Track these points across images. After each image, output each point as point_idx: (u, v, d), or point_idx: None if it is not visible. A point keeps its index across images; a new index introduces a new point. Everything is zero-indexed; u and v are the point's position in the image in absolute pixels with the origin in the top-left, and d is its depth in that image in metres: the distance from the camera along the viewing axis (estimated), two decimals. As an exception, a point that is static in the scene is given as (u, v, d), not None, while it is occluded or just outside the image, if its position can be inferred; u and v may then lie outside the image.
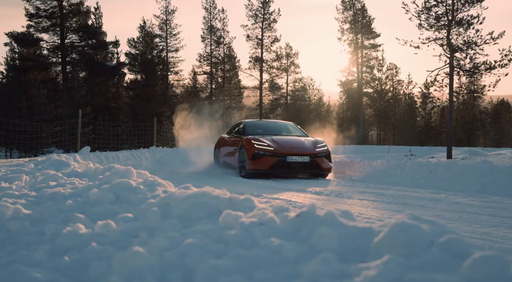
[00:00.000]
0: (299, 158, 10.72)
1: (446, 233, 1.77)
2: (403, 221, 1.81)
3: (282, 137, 11.69)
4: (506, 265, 1.46)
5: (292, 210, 2.31)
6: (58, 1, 38.21)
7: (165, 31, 45.52)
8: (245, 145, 11.09)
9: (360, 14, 48.95)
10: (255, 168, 10.64)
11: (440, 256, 1.62)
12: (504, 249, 3.82)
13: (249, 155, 10.76)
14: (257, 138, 11.20)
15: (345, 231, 1.99)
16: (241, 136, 11.93)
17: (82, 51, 40.36)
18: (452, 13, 21.02)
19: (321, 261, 1.71)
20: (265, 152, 10.68)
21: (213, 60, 48.09)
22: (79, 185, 3.83)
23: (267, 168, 10.57)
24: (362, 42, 49.09)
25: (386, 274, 1.50)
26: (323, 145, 11.39)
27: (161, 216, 2.48)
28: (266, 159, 10.61)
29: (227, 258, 1.81)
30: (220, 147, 13.79)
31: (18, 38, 38.16)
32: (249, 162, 10.71)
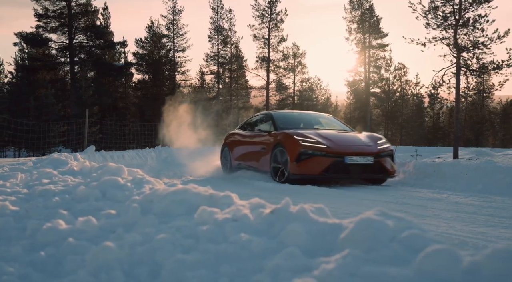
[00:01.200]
0: (361, 158, 8.53)
1: (410, 229, 1.80)
2: (368, 217, 1.85)
3: (331, 132, 9.43)
4: (456, 258, 1.49)
5: (268, 206, 2.35)
6: (66, 2, 38.47)
7: (172, 31, 45.66)
8: (284, 142, 8.77)
9: (368, 14, 48.80)
10: (302, 172, 8.41)
11: (399, 250, 1.65)
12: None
13: (292, 155, 8.42)
14: (301, 133, 8.85)
15: (315, 227, 2.02)
16: (271, 131, 9.55)
17: (90, 51, 40.59)
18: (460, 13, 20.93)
19: (285, 256, 1.75)
20: (314, 151, 8.44)
21: (220, 60, 48.17)
22: (71, 182, 3.89)
23: (319, 172, 8.31)
24: (370, 42, 48.94)
25: (343, 267, 1.54)
26: (384, 142, 9.28)
27: (141, 212, 2.53)
28: (317, 160, 8.37)
29: (196, 252, 1.85)
30: (233, 146, 11.11)
31: (27, 38, 38.46)
32: (292, 164, 8.39)
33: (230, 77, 48.34)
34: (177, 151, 16.86)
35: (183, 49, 45.96)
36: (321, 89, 55.00)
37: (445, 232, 4.11)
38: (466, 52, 21.34)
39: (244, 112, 48.42)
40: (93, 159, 12.77)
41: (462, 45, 21.06)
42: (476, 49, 21.07)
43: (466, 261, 1.50)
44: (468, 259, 1.50)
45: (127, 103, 44.58)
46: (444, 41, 21.65)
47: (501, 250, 1.46)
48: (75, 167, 5.26)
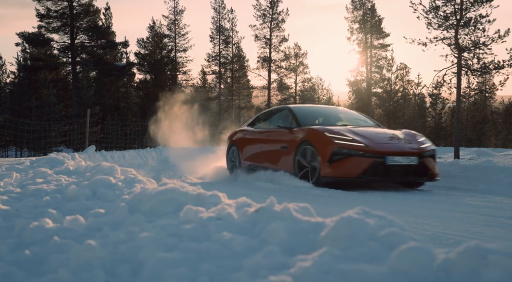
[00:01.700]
0: (404, 159, 7.43)
1: (390, 227, 1.82)
2: (349, 216, 1.86)
3: (364, 129, 8.32)
4: (430, 255, 1.51)
5: (254, 205, 2.36)
6: (68, 2, 38.57)
7: (174, 31, 45.74)
8: (313, 139, 7.68)
9: (369, 14, 48.77)
10: (336, 175, 7.32)
11: (377, 248, 1.67)
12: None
13: (324, 154, 7.34)
14: (333, 129, 7.80)
15: (298, 226, 2.04)
16: (292, 128, 8.49)
17: (91, 51, 40.68)
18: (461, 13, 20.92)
19: (265, 254, 1.77)
20: (350, 150, 7.32)
21: (221, 60, 48.22)
22: (64, 182, 3.92)
23: (356, 174, 7.25)
24: (372, 42, 48.90)
25: (319, 265, 1.56)
26: (425, 139, 8.21)
27: (129, 211, 2.55)
28: (354, 161, 7.29)
29: (178, 251, 1.87)
30: (243, 145, 10.08)
31: (29, 38, 38.59)
32: (323, 166, 7.32)
33: (231, 77, 48.37)
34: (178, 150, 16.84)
35: (185, 49, 46.06)
36: (323, 89, 55.09)
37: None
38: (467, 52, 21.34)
39: (246, 112, 48.45)
40: (93, 159, 12.82)
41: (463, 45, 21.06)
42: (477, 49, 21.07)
43: (440, 258, 1.52)
44: (442, 257, 1.52)
45: (128, 103, 44.65)
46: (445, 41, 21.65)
47: (473, 247, 1.47)
48: (70, 166, 5.29)
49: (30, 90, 35.77)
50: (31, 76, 39.01)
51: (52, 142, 27.12)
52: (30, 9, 79.77)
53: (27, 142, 23.99)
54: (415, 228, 3.99)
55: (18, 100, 35.03)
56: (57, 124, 28.44)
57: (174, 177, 10.93)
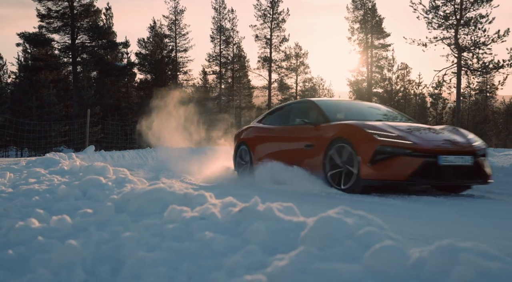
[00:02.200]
0: (458, 159, 6.40)
1: (368, 226, 1.83)
2: (328, 215, 1.88)
3: (407, 125, 7.23)
4: (404, 254, 1.53)
5: (239, 205, 2.38)
6: (69, 2, 38.65)
7: (174, 31, 45.82)
8: (350, 136, 6.63)
9: (370, 14, 48.81)
10: (380, 177, 6.30)
11: (353, 247, 1.69)
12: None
13: (365, 153, 6.32)
14: (374, 125, 6.75)
15: (279, 225, 2.05)
16: (319, 124, 7.45)
17: (92, 51, 40.75)
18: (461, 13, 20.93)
19: (245, 254, 1.78)
20: (397, 148, 6.25)
21: (222, 60, 48.26)
22: (57, 182, 3.94)
23: (405, 176, 6.21)
24: (372, 42, 48.95)
25: (294, 264, 1.57)
26: (475, 137, 7.11)
27: (116, 211, 2.56)
28: (401, 161, 6.25)
29: (159, 250, 1.89)
30: (256, 143, 9.17)
31: (29, 38, 38.68)
32: (364, 167, 6.30)
33: (232, 77, 48.41)
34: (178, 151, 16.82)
35: (185, 49, 46.16)
36: (323, 89, 55.09)
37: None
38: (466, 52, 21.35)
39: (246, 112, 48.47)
40: (92, 159, 12.83)
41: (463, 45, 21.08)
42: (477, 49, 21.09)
43: (414, 257, 1.53)
44: (416, 255, 1.53)
45: (129, 103, 44.71)
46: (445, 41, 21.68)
47: (445, 246, 1.49)
48: (65, 166, 5.31)
49: (31, 91, 35.85)
50: (31, 76, 39.09)
51: (52, 142, 27.16)
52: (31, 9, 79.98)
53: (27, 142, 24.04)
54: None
55: (18, 100, 35.12)
56: (57, 124, 28.49)
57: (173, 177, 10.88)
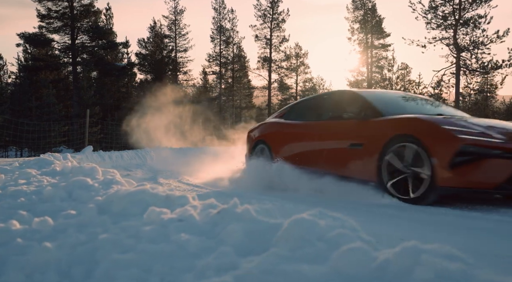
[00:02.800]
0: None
1: (341, 228, 1.85)
2: (301, 217, 1.89)
3: (482, 120, 5.96)
4: (369, 256, 1.55)
5: (219, 207, 2.40)
6: (69, 2, 38.69)
7: (174, 32, 45.85)
8: (420, 133, 5.34)
9: (370, 14, 48.79)
10: (464, 184, 5.05)
11: (323, 249, 1.70)
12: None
13: (443, 154, 5.12)
14: (449, 120, 5.53)
15: (256, 226, 2.07)
16: (367, 118, 6.19)
17: (92, 52, 40.78)
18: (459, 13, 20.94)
19: (218, 255, 1.80)
20: (482, 148, 5.06)
21: (222, 60, 48.29)
22: (46, 183, 3.95)
23: (495, 183, 4.98)
24: (372, 42, 48.93)
25: (262, 266, 1.59)
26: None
27: (98, 212, 2.58)
28: (491, 164, 5.04)
29: (133, 252, 1.91)
30: (278, 142, 7.92)
31: (29, 38, 38.71)
32: (441, 171, 5.08)
33: (232, 77, 48.44)
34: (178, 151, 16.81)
35: (185, 49, 46.18)
36: (324, 89, 55.06)
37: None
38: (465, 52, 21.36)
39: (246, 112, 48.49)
40: (90, 159, 12.83)
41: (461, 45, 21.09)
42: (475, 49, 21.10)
43: (380, 258, 1.55)
44: (382, 257, 1.55)
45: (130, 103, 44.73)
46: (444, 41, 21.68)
47: (408, 247, 1.51)
48: (57, 167, 5.32)
49: (31, 91, 35.90)
50: (31, 77, 39.13)
51: (52, 142, 27.18)
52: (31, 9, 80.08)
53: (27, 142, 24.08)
54: None
55: (18, 101, 35.16)
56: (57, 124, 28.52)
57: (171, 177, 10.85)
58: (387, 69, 50.59)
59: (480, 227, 3.91)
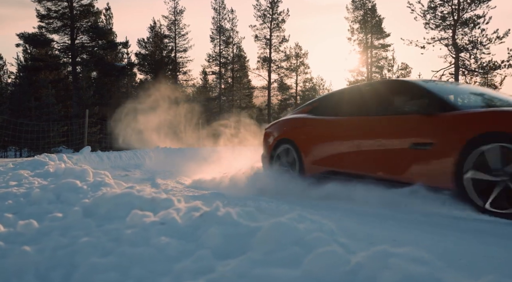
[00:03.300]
0: None
1: (319, 232, 1.86)
2: (278, 220, 1.91)
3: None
4: (342, 259, 1.56)
5: (202, 210, 2.41)
6: (68, 2, 38.73)
7: (174, 32, 45.88)
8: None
9: (370, 14, 48.80)
10: None
11: (298, 253, 1.71)
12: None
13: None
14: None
15: (236, 230, 2.09)
16: (437, 113, 5.05)
17: (92, 52, 40.83)
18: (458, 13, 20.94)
19: (195, 259, 1.82)
20: None
21: (222, 61, 48.32)
22: (37, 185, 3.97)
23: None
24: (372, 42, 48.94)
25: (237, 270, 1.60)
26: None
27: (83, 215, 2.60)
28: None
29: (113, 256, 1.92)
30: (310, 141, 6.66)
31: (29, 39, 38.78)
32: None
33: (232, 77, 48.47)
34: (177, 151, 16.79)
35: (185, 49, 46.24)
36: (324, 89, 55.08)
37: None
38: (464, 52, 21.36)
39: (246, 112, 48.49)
40: (88, 160, 12.84)
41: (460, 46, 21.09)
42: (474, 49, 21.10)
43: (353, 261, 1.57)
44: (355, 260, 1.57)
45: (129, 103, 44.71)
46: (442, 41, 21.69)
47: (379, 251, 1.52)
48: (51, 168, 5.33)
49: (30, 91, 35.93)
50: (31, 77, 39.17)
51: (51, 142, 27.21)
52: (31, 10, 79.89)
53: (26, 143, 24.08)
54: None
55: (17, 101, 35.20)
56: (56, 124, 28.54)
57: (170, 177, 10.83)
58: (387, 69, 50.63)
59: None
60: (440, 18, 21.37)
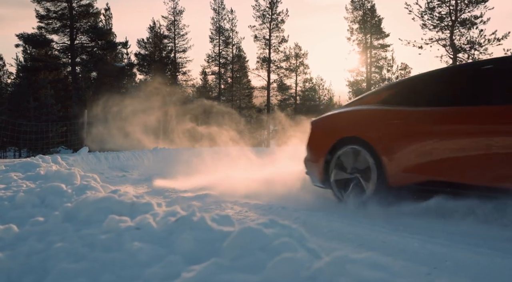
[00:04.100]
0: None
1: (286, 237, 1.89)
2: (248, 226, 1.94)
3: None
4: (303, 265, 1.59)
5: (179, 215, 2.44)
6: (68, 3, 38.78)
7: (173, 32, 45.92)
8: None
9: (369, 14, 48.79)
10: None
11: (263, 258, 1.74)
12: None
13: None
14: None
15: (209, 235, 2.11)
16: None
17: (91, 52, 40.87)
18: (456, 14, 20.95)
19: (165, 264, 1.85)
20: None
21: (221, 61, 48.35)
22: (25, 188, 3.99)
23: None
24: (371, 42, 48.93)
25: (200, 276, 1.63)
26: None
27: (63, 220, 2.62)
28: None
29: (84, 261, 1.95)
30: (396, 141, 4.88)
31: (28, 39, 38.83)
32: None
33: (232, 78, 48.50)
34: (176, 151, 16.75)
35: (184, 49, 46.27)
36: (324, 89, 55.10)
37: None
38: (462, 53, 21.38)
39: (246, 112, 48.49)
40: (86, 160, 12.86)
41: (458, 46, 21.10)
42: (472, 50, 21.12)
43: (314, 267, 1.59)
44: (315, 266, 1.59)
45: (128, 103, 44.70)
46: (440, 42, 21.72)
47: (338, 256, 1.55)
48: (42, 171, 5.36)
49: (29, 91, 35.98)
50: (31, 77, 39.21)
51: (50, 143, 27.23)
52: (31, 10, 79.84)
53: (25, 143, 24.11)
54: None
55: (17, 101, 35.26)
56: (55, 125, 28.56)
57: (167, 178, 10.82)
58: (386, 69, 50.62)
59: None
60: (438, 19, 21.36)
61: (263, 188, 6.42)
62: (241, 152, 14.20)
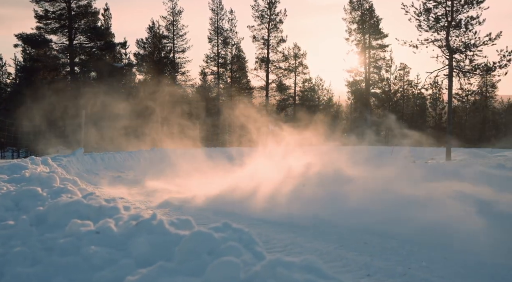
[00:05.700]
0: None
1: (234, 241, 1.95)
2: (199, 230, 1.99)
3: None
4: (240, 268, 1.65)
5: (142, 218, 2.49)
6: (66, 3, 38.79)
7: (172, 32, 45.96)
8: None
9: (368, 15, 48.82)
10: None
11: (208, 262, 1.80)
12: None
13: None
14: None
15: (165, 238, 2.17)
16: None
17: (90, 52, 40.86)
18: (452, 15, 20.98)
19: (117, 267, 1.91)
20: None
21: (220, 61, 48.37)
22: (4, 191, 4.04)
23: None
24: (370, 43, 48.95)
25: (143, 279, 1.69)
26: None
27: (30, 224, 2.68)
28: None
29: (40, 265, 2.01)
30: None
31: (27, 39, 38.80)
32: None
33: (231, 78, 48.52)
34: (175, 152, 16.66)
35: (183, 50, 46.28)
36: (323, 90, 55.08)
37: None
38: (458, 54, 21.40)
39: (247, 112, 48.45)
40: (81, 161, 12.89)
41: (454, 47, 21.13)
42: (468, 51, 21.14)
43: (252, 270, 1.65)
44: (253, 269, 1.65)
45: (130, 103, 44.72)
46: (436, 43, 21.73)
47: (273, 260, 1.61)
48: (27, 173, 5.40)
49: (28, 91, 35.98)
50: (30, 77, 39.20)
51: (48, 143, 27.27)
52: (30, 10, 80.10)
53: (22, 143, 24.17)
54: None
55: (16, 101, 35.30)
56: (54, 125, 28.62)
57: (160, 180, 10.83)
58: (385, 69, 50.65)
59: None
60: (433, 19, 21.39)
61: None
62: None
